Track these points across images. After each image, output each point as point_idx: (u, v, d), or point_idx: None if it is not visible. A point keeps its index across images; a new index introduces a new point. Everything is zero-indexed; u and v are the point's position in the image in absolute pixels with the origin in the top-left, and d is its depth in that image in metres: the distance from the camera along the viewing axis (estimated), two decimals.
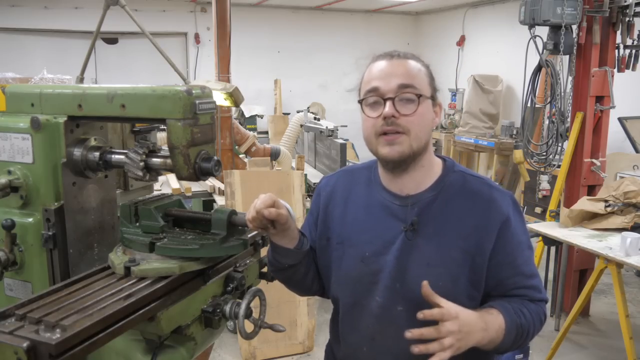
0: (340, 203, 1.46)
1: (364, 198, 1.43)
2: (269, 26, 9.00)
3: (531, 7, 3.79)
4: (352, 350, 1.44)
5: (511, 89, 7.70)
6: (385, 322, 1.36)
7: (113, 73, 8.11)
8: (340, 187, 1.49)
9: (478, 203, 1.34)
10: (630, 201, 3.53)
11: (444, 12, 9.27)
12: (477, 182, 1.39)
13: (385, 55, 1.36)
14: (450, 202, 1.35)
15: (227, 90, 2.82)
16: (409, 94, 1.29)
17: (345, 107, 9.34)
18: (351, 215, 1.43)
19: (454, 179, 1.39)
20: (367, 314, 1.38)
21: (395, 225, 1.35)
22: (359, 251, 1.39)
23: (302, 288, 1.53)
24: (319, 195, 1.52)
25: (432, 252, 1.33)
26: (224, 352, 3.75)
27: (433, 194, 1.36)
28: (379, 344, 1.37)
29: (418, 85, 1.30)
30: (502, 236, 1.32)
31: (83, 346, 0.97)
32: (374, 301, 1.37)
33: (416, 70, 1.33)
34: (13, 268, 1.34)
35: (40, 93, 1.37)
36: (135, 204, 1.34)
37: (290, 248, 1.38)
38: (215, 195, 4.26)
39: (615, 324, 3.87)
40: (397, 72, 1.30)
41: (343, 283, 1.42)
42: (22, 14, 7.67)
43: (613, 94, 4.04)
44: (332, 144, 4.95)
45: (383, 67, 1.33)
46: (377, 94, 1.31)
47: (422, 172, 1.37)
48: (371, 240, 1.38)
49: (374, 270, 1.36)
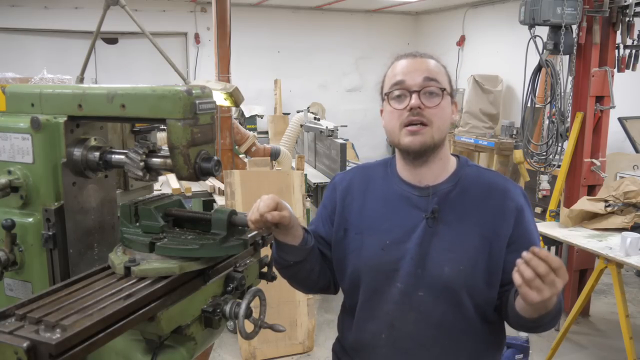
0: (358, 196, 1.51)
1: (382, 191, 1.49)
2: (269, 26, 9.00)
3: (531, 7, 3.79)
4: (370, 338, 1.46)
5: (511, 89, 7.71)
6: (406, 308, 1.40)
7: (113, 73, 8.11)
8: (357, 182, 1.54)
9: (494, 192, 1.42)
10: (630, 201, 3.53)
11: (444, 12, 9.27)
12: (492, 174, 1.50)
13: (408, 55, 1.45)
14: (467, 192, 1.43)
15: (227, 90, 2.83)
16: (433, 87, 1.37)
17: (345, 107, 9.35)
18: (370, 207, 1.48)
19: (469, 171, 1.47)
20: (386, 301, 1.42)
21: (416, 214, 1.41)
22: (378, 240, 1.43)
23: (308, 284, 1.56)
24: (335, 190, 1.57)
25: (452, 238, 1.38)
26: (224, 352, 3.75)
27: (451, 184, 1.44)
28: (398, 329, 1.41)
29: (441, 80, 1.39)
30: (519, 223, 1.40)
31: (83, 346, 0.97)
32: (395, 287, 1.41)
33: (438, 68, 1.42)
34: (13, 268, 1.34)
35: (40, 93, 1.37)
36: (135, 204, 1.34)
37: (295, 245, 1.41)
38: (215, 195, 4.26)
39: (615, 324, 3.87)
40: (421, 68, 1.39)
41: (363, 272, 1.45)
42: (22, 14, 7.67)
43: (613, 94, 4.04)
44: (332, 144, 4.95)
45: (407, 64, 1.41)
46: (402, 87, 1.38)
47: (440, 165, 1.44)
48: (391, 229, 1.43)
49: (395, 258, 1.41)
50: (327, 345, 3.16)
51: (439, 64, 1.43)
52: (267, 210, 1.28)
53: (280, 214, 1.29)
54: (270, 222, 1.28)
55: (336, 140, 4.89)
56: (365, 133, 9.32)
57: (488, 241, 1.37)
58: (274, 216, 1.28)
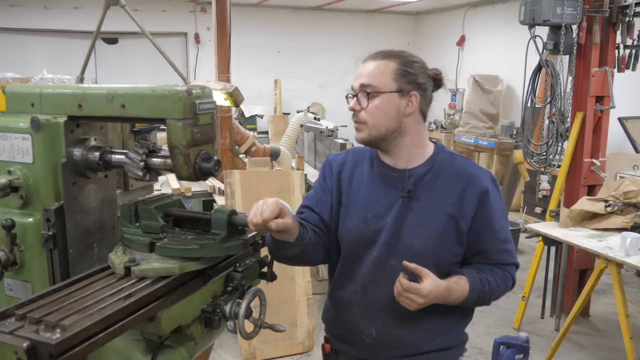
0: (348, 174, 1.70)
1: (367, 170, 1.68)
2: (269, 26, 9.00)
3: (531, 7, 3.79)
4: (347, 297, 1.67)
5: (511, 89, 7.71)
6: (379, 274, 1.60)
7: (113, 73, 8.11)
8: (349, 162, 1.73)
9: (462, 177, 1.60)
10: (630, 201, 3.53)
11: (444, 12, 9.27)
12: (463, 161, 1.66)
13: (367, 57, 1.62)
14: (439, 175, 1.61)
15: (227, 90, 2.83)
16: (366, 92, 1.55)
17: (345, 107, 9.27)
18: (356, 183, 1.67)
19: (443, 157, 1.64)
20: (363, 266, 1.63)
21: (395, 192, 1.60)
22: (361, 213, 1.62)
23: (306, 264, 1.81)
24: (330, 166, 1.75)
25: (423, 216, 1.58)
26: (224, 352, 3.75)
27: (426, 168, 1.61)
28: (370, 291, 1.62)
29: (376, 83, 1.54)
30: (482, 205, 1.57)
31: (83, 346, 0.97)
32: (371, 255, 1.61)
33: (379, 71, 1.56)
34: (13, 268, 1.34)
35: (40, 93, 1.37)
36: (135, 204, 1.34)
37: (292, 241, 1.51)
38: (215, 195, 4.26)
39: (615, 324, 3.87)
40: (362, 73, 1.58)
41: (345, 239, 1.65)
42: (22, 14, 7.67)
43: (613, 94, 4.04)
44: (332, 144, 4.95)
45: (358, 69, 1.61)
46: (351, 91, 1.60)
47: (407, 152, 1.61)
48: (372, 204, 1.62)
49: (375, 230, 1.60)
50: None
51: (389, 63, 1.56)
52: (272, 217, 1.34)
53: (284, 222, 1.37)
54: (273, 230, 1.36)
55: (336, 140, 4.89)
56: None
57: (454, 219, 1.56)
58: (277, 224, 1.35)
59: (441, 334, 1.64)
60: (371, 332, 1.63)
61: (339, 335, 1.76)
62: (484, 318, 4.33)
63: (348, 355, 1.73)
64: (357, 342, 1.67)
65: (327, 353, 1.82)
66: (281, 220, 1.35)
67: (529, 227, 4.11)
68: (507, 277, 1.63)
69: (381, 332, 1.63)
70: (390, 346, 1.63)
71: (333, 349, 1.79)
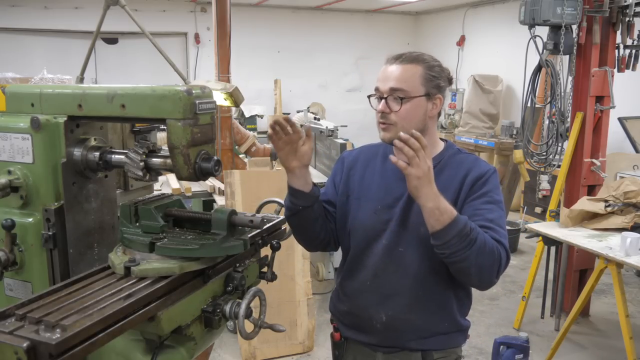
0: (361, 169, 1.84)
1: (380, 165, 1.81)
2: (269, 26, 9.00)
3: (531, 7, 3.79)
4: (358, 285, 1.78)
5: (511, 89, 7.71)
6: (388, 260, 1.71)
7: (113, 73, 8.11)
8: (361, 158, 1.87)
9: (464, 167, 1.71)
10: (630, 201, 3.53)
11: (444, 12, 9.27)
12: (467, 156, 1.78)
13: (391, 60, 1.69)
14: (445, 168, 1.72)
15: (227, 90, 2.83)
16: (397, 96, 1.64)
17: (345, 107, 9.34)
18: (368, 178, 1.81)
19: (451, 153, 1.77)
20: (373, 254, 1.74)
21: (403, 185, 1.62)
22: (373, 205, 1.75)
23: (311, 237, 1.81)
24: (343, 162, 1.90)
25: None
26: (224, 352, 3.75)
27: (435, 163, 1.65)
28: (380, 278, 1.73)
29: (407, 88, 1.64)
30: (478, 188, 1.65)
31: (83, 346, 0.97)
32: (380, 244, 1.73)
33: (408, 75, 1.65)
34: (13, 268, 1.34)
35: (40, 93, 1.37)
36: (135, 204, 1.34)
37: (306, 192, 1.69)
38: (215, 195, 4.26)
39: (615, 324, 3.87)
40: (391, 77, 1.66)
41: (358, 230, 1.77)
42: (22, 14, 7.67)
43: (613, 94, 4.04)
44: (332, 144, 4.95)
45: (384, 72, 1.69)
46: (377, 92, 1.69)
47: None
48: (383, 197, 1.75)
49: (385, 220, 1.72)
50: (327, 345, 3.16)
51: (417, 67, 1.65)
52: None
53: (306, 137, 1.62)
54: (297, 131, 1.57)
55: (336, 140, 4.89)
56: (365, 133, 9.27)
57: (456, 205, 1.63)
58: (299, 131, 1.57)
59: (448, 317, 1.73)
60: (381, 317, 1.72)
61: (348, 324, 1.83)
62: (484, 318, 4.33)
63: (358, 342, 1.81)
64: (368, 328, 1.76)
65: (336, 342, 1.89)
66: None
67: (529, 227, 4.12)
68: (495, 246, 1.55)
69: (391, 317, 1.71)
70: (400, 330, 1.72)
71: (342, 336, 1.86)
